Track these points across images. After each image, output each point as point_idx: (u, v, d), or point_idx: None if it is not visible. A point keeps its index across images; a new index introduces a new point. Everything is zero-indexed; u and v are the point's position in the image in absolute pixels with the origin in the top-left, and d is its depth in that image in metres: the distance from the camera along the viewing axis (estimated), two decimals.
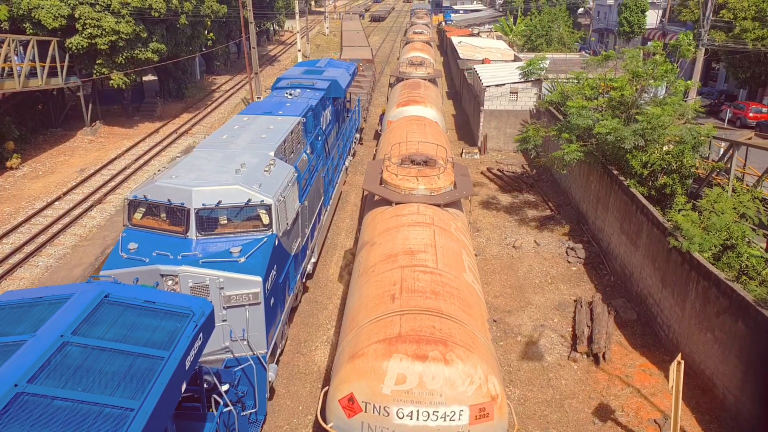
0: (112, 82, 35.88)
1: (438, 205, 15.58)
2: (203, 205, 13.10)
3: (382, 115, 32.31)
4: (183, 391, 8.06)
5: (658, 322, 17.48)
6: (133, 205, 13.68)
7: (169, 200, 13.24)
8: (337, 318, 18.26)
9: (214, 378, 10.66)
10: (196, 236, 13.05)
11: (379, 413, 9.51)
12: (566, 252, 22.45)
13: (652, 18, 65.56)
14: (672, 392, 11.85)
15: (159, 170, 15.28)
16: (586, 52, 54.95)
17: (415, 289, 11.30)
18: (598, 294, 19.45)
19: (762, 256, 15.89)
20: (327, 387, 10.20)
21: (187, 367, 8.08)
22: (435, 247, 13.18)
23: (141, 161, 32.79)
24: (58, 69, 33.97)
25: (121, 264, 12.61)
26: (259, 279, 12.62)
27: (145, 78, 45.29)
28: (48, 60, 33.02)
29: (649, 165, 20.23)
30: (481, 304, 12.32)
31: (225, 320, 12.37)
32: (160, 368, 7.46)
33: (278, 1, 70.15)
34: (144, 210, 13.57)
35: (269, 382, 13.52)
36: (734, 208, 16.62)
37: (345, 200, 27.73)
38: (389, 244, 13.49)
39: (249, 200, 13.41)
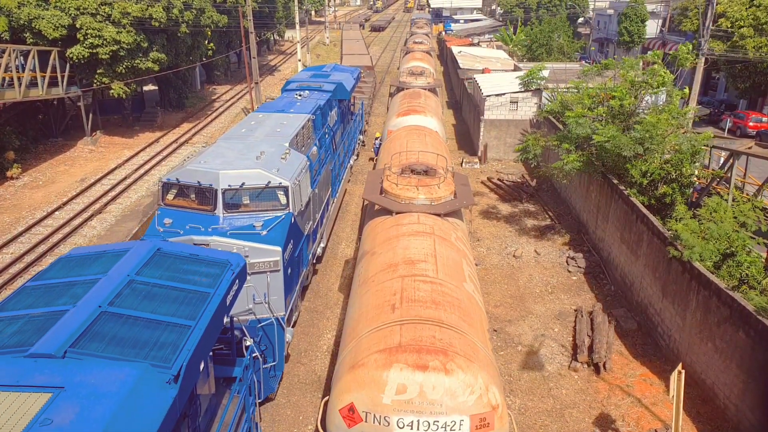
0: (112, 91, 35.99)
1: (438, 215, 15.57)
2: (229, 186, 14.81)
3: (378, 139, 31.25)
4: (224, 323, 9.92)
5: (658, 331, 17.46)
6: (166, 186, 15.38)
7: (198, 182, 14.95)
8: (337, 328, 18.23)
9: (244, 330, 12.59)
10: (223, 213, 14.74)
11: (380, 423, 9.47)
12: (567, 261, 22.44)
13: (652, 28, 65.78)
14: (673, 402, 11.82)
15: (187, 157, 17.24)
16: (586, 62, 55.09)
17: (415, 299, 11.28)
18: (598, 303, 19.43)
19: (758, 263, 15.87)
20: (327, 397, 10.16)
21: (227, 303, 9.89)
22: (435, 256, 13.16)
23: (141, 171, 32.82)
24: (59, 79, 34.07)
25: (158, 236, 14.04)
26: (279, 249, 14.30)
27: (145, 88, 45.42)
28: (48, 70, 33.12)
29: (649, 174, 20.25)
30: (481, 314, 12.30)
31: (249, 285, 13.32)
32: (208, 300, 9.28)
33: (278, 11, 70.40)
34: (176, 191, 15.32)
35: (287, 342, 15.26)
36: (735, 218, 16.62)
37: (345, 210, 27.75)
38: (389, 254, 13.48)
39: (269, 182, 15.11)
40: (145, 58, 36.22)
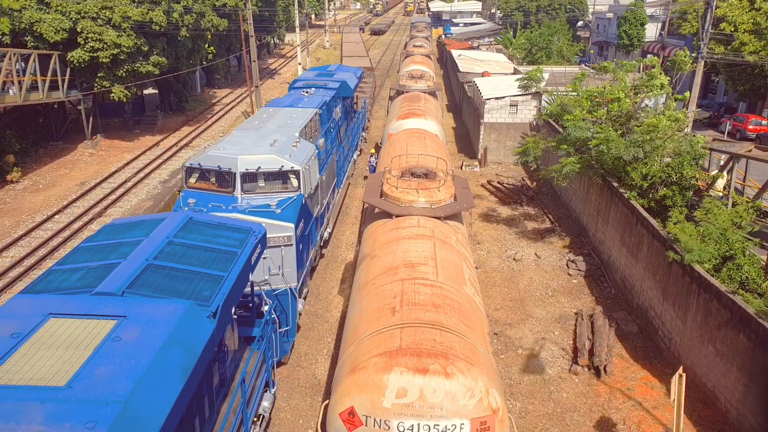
0: (113, 95, 35.97)
1: (438, 218, 15.54)
2: (246, 169, 16.38)
3: (373, 156, 30.69)
4: (249, 280, 11.59)
5: (659, 334, 17.44)
6: (189, 171, 16.99)
7: (218, 166, 16.56)
8: (337, 331, 18.22)
9: (263, 295, 13.93)
10: (241, 194, 16.37)
11: (380, 427, 9.45)
12: (567, 264, 22.43)
13: (651, 31, 65.79)
14: (674, 405, 11.80)
15: (207, 145, 18.06)
16: (585, 65, 55.08)
17: (415, 302, 11.26)
18: (599, 306, 19.41)
19: (757, 265, 15.86)
20: (327, 400, 10.14)
21: (252, 262, 11.48)
22: (435, 259, 13.15)
23: (141, 174, 32.82)
24: (59, 82, 34.10)
25: None
26: (292, 225, 15.81)
27: (145, 91, 45.45)
28: (49, 73, 33.15)
29: (649, 177, 20.25)
30: (481, 317, 12.28)
31: (265, 257, 14.26)
32: (236, 257, 10.91)
33: (279, 14, 70.45)
34: (197, 175, 16.92)
35: (298, 313, 16.82)
36: (732, 221, 16.60)
37: (345, 213, 27.74)
38: (389, 257, 13.46)
39: (282, 166, 16.72)
40: (145, 61, 36.24)
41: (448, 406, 9.33)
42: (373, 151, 30.65)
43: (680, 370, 11.52)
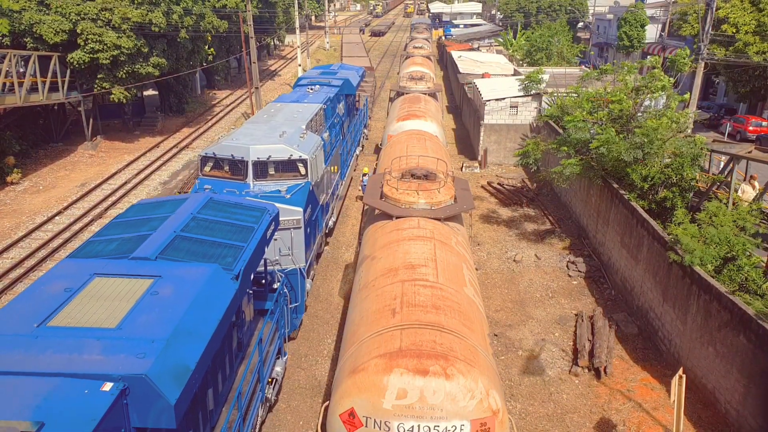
0: (113, 96, 35.95)
1: (438, 219, 15.54)
2: (258, 158, 17.50)
3: (365, 175, 29.33)
4: (264, 254, 12.89)
5: (659, 336, 17.44)
6: (204, 160, 18.10)
7: (232, 155, 17.66)
8: (337, 332, 18.21)
9: (276, 271, 15.27)
10: (253, 181, 17.47)
11: (380, 428, 9.45)
12: (567, 266, 22.42)
13: (652, 32, 65.81)
14: (674, 407, 11.80)
15: (220, 137, 18.63)
16: (586, 66, 55.07)
17: (415, 304, 11.26)
18: (599, 308, 19.41)
19: (758, 266, 15.85)
20: (327, 402, 10.15)
21: (267, 237, 12.80)
22: (435, 261, 13.15)
23: (142, 176, 32.80)
24: (59, 84, 34.08)
25: None
26: (300, 209, 16.91)
27: (145, 93, 45.45)
28: (49, 75, 33.13)
29: (649, 179, 20.24)
30: (481, 319, 12.28)
31: (276, 239, 15.13)
32: (254, 231, 12.24)
33: (279, 16, 70.44)
34: (212, 164, 18.02)
35: (306, 291, 18.03)
36: (734, 221, 16.59)
37: (345, 214, 27.74)
38: (390, 258, 13.46)
39: (291, 155, 17.85)
40: (145, 63, 36.23)
41: (449, 407, 9.33)
42: (366, 170, 29.79)
43: (680, 372, 11.52)
